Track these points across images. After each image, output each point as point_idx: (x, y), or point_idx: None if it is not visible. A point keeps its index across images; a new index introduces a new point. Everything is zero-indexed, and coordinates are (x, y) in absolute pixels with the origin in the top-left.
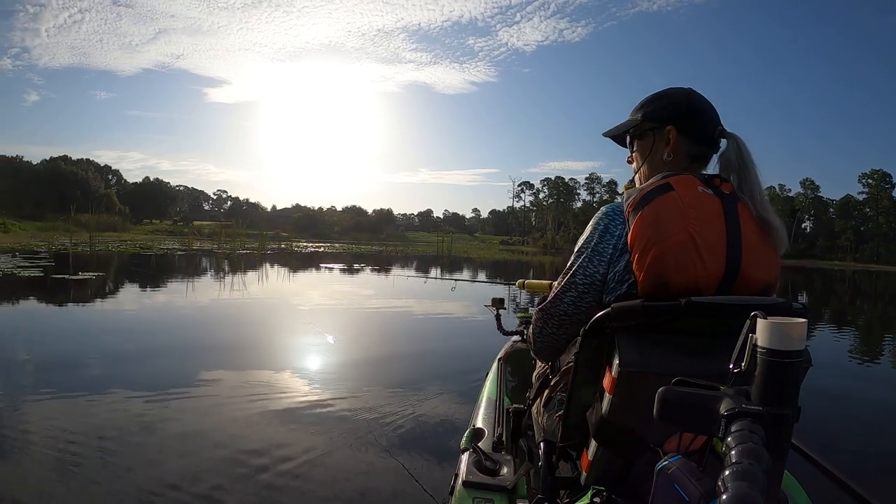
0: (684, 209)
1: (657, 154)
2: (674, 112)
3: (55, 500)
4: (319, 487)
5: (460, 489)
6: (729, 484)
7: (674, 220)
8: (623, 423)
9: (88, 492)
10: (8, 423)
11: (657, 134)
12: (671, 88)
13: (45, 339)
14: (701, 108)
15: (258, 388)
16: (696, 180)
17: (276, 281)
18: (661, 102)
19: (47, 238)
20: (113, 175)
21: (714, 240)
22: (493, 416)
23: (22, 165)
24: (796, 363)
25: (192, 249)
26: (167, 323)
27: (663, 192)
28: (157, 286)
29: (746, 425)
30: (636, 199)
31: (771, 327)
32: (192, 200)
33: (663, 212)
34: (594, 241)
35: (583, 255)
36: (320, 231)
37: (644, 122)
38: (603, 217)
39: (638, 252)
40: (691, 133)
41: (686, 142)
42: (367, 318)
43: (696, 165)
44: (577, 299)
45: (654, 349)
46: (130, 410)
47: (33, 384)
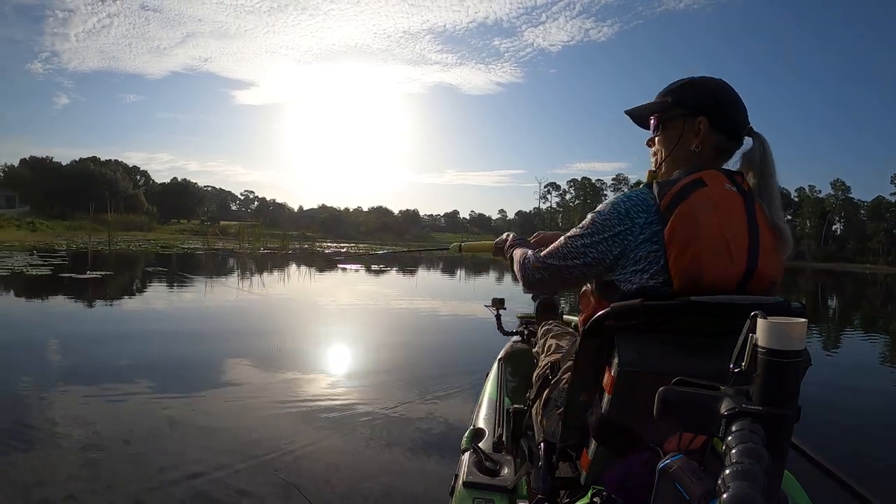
0: (716, 207)
1: (685, 144)
2: (707, 102)
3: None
4: (322, 486)
5: (461, 489)
6: (729, 483)
7: (710, 217)
8: (623, 423)
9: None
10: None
11: (687, 122)
12: (704, 77)
13: (26, 335)
14: (734, 103)
15: (263, 389)
16: (723, 177)
17: (290, 280)
18: (695, 90)
19: (72, 237)
20: (141, 176)
21: (740, 240)
22: (494, 417)
23: (52, 166)
24: (796, 363)
25: (213, 249)
26: (159, 321)
27: (697, 187)
28: (164, 285)
29: (746, 425)
30: (672, 193)
31: (771, 327)
32: (220, 201)
33: (700, 209)
34: (613, 223)
35: (597, 230)
36: (346, 231)
37: (674, 108)
38: (626, 200)
39: (677, 248)
40: (722, 126)
41: (716, 134)
42: (368, 315)
43: (720, 160)
44: (584, 268)
45: (653, 349)
46: (125, 409)
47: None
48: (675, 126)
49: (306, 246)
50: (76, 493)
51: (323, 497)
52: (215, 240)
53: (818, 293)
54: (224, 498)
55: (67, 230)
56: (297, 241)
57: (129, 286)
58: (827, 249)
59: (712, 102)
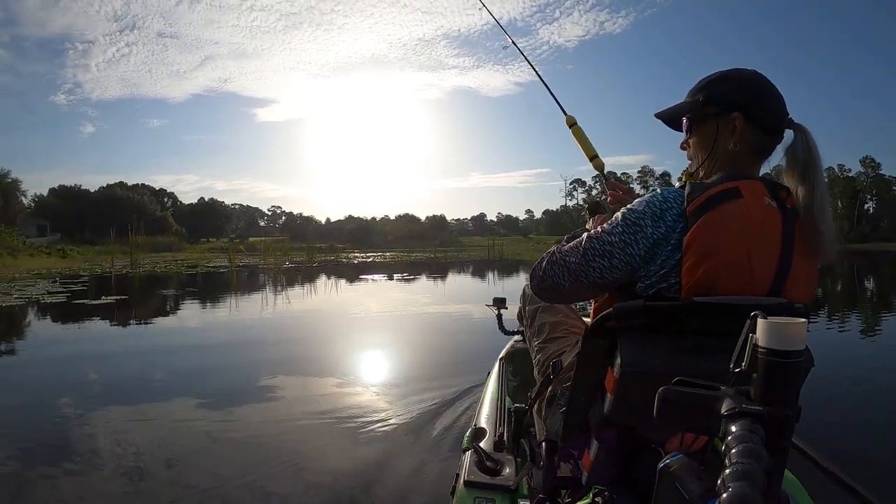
0: (749, 223)
1: (721, 144)
2: (741, 97)
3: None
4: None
5: (462, 489)
6: (729, 483)
7: (736, 232)
8: (625, 423)
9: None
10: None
11: (721, 121)
12: (735, 69)
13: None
14: (770, 95)
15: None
16: (763, 189)
17: (316, 293)
18: (727, 86)
19: (99, 262)
20: (168, 197)
21: (767, 261)
22: (495, 416)
23: (80, 193)
24: (796, 363)
25: (237, 266)
26: (156, 346)
27: (731, 197)
28: (174, 307)
29: (746, 425)
30: (702, 199)
31: (771, 327)
32: (248, 218)
33: (729, 221)
34: (646, 223)
35: (629, 231)
36: (374, 241)
37: (706, 107)
38: (662, 201)
39: (693, 258)
40: (759, 122)
41: (753, 131)
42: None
43: (760, 158)
44: (609, 270)
45: (655, 349)
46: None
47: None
48: (709, 126)
49: (332, 258)
50: None
51: (320, 495)
52: (240, 256)
53: (854, 276)
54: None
55: (97, 255)
56: (324, 254)
57: (141, 311)
58: (860, 229)
59: (746, 96)
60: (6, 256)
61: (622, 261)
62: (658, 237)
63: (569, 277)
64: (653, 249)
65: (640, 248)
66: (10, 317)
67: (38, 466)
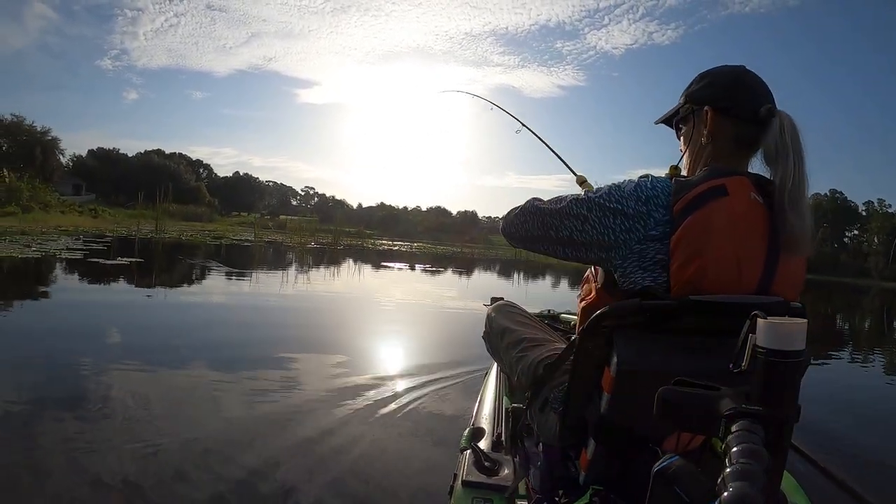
0: (736, 221)
1: (696, 138)
2: (713, 91)
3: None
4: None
5: (459, 489)
6: (729, 483)
7: (724, 231)
8: (622, 423)
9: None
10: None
11: (696, 117)
12: (718, 66)
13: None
14: (742, 84)
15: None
16: (749, 185)
17: (322, 275)
18: (703, 82)
19: (128, 224)
20: (204, 168)
21: (754, 259)
22: (493, 416)
23: (118, 157)
24: (796, 363)
25: (262, 241)
26: (154, 305)
27: (717, 195)
28: (185, 274)
29: (746, 425)
30: (689, 198)
31: (771, 327)
32: (281, 195)
33: (716, 220)
34: (628, 203)
35: (605, 202)
36: (404, 230)
37: (685, 105)
38: (650, 188)
39: (682, 257)
40: (730, 112)
41: (726, 122)
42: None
43: (744, 150)
44: (577, 233)
45: (652, 348)
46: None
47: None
48: (689, 124)
49: (358, 242)
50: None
51: (318, 495)
52: (267, 232)
53: (883, 315)
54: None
55: (128, 218)
56: (350, 238)
57: (151, 274)
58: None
59: (719, 89)
60: (38, 211)
61: (595, 229)
62: (637, 219)
63: (539, 227)
64: (628, 232)
65: (617, 224)
66: (18, 268)
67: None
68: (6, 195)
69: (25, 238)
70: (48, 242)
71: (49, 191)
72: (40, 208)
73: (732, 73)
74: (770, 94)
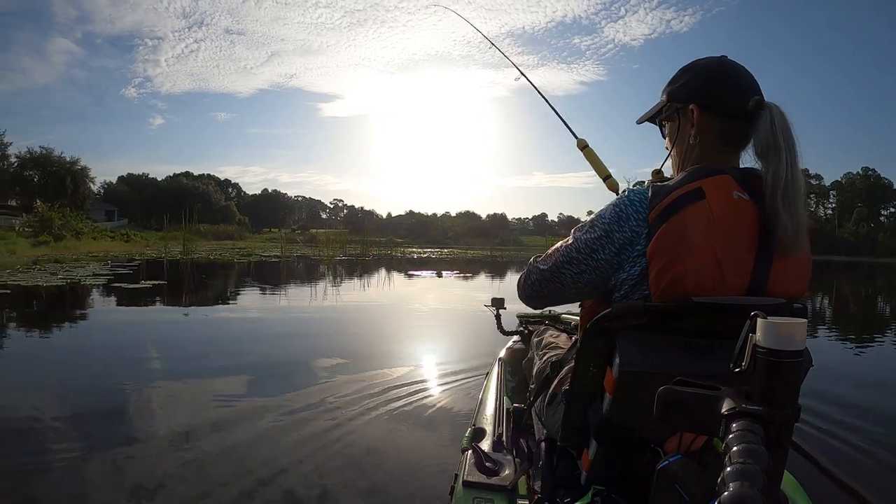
0: (713, 223)
1: (683, 138)
2: (697, 87)
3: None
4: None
5: (461, 489)
6: (728, 483)
7: (700, 236)
8: (624, 423)
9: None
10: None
11: (682, 115)
12: (697, 59)
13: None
14: (726, 78)
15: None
16: (732, 182)
17: (349, 286)
18: (685, 78)
19: (159, 247)
20: (233, 188)
21: (741, 258)
22: (494, 416)
23: (148, 182)
24: (796, 363)
25: (288, 256)
26: (151, 333)
27: (693, 200)
28: (204, 293)
29: (746, 425)
30: (662, 206)
31: (771, 327)
32: (310, 209)
33: (690, 225)
34: (613, 229)
35: (594, 236)
36: (434, 237)
37: (669, 104)
38: (628, 204)
39: (657, 268)
40: (716, 108)
41: (712, 119)
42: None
43: (733, 146)
44: (577, 276)
45: (654, 349)
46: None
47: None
48: (673, 123)
49: (387, 252)
50: None
51: (319, 494)
52: (296, 247)
53: None
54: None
55: (159, 240)
56: (380, 248)
57: (171, 295)
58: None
59: (702, 86)
60: (70, 238)
61: (590, 266)
62: (623, 241)
63: (546, 284)
64: (619, 255)
65: (607, 253)
66: (38, 296)
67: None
68: (39, 225)
69: (56, 266)
70: (76, 269)
71: (80, 218)
72: (72, 236)
73: (715, 66)
74: (756, 84)
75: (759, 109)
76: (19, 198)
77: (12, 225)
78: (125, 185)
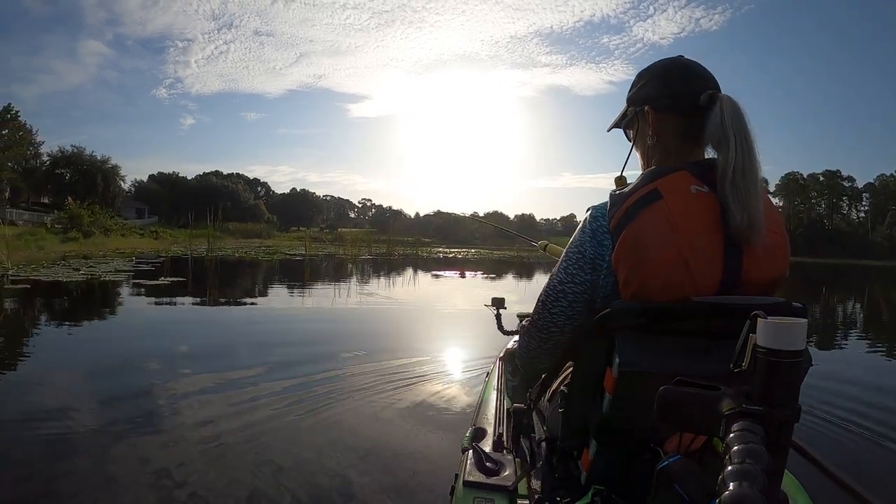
0: (673, 223)
1: (642, 140)
2: (650, 89)
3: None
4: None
5: (461, 489)
6: (729, 483)
7: (660, 239)
8: (623, 423)
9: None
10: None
11: (641, 118)
12: (655, 62)
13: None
14: (676, 76)
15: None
16: (690, 178)
17: (361, 287)
18: (641, 81)
19: (187, 244)
20: (262, 187)
21: (708, 252)
22: (494, 416)
23: (178, 180)
24: (797, 363)
25: (313, 255)
26: (155, 329)
27: (650, 202)
28: (220, 290)
29: (747, 425)
30: (619, 214)
31: (771, 327)
32: (338, 208)
33: (649, 229)
34: (584, 248)
35: (571, 262)
36: (462, 237)
37: (629, 109)
38: (592, 221)
39: (623, 277)
40: (668, 107)
41: (667, 118)
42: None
43: (691, 143)
44: (568, 308)
45: (653, 349)
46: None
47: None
48: (634, 127)
49: (413, 252)
50: None
51: (320, 494)
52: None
53: None
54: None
55: (189, 238)
56: (407, 247)
57: (187, 292)
58: None
59: (655, 86)
60: (99, 235)
61: (575, 292)
62: (594, 257)
63: (538, 338)
64: (595, 272)
65: (586, 273)
66: (56, 290)
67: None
68: (69, 222)
69: (81, 262)
70: (100, 265)
71: (109, 215)
72: (101, 233)
73: (666, 67)
74: (711, 79)
75: (712, 103)
76: (51, 195)
77: (44, 222)
78: (156, 183)
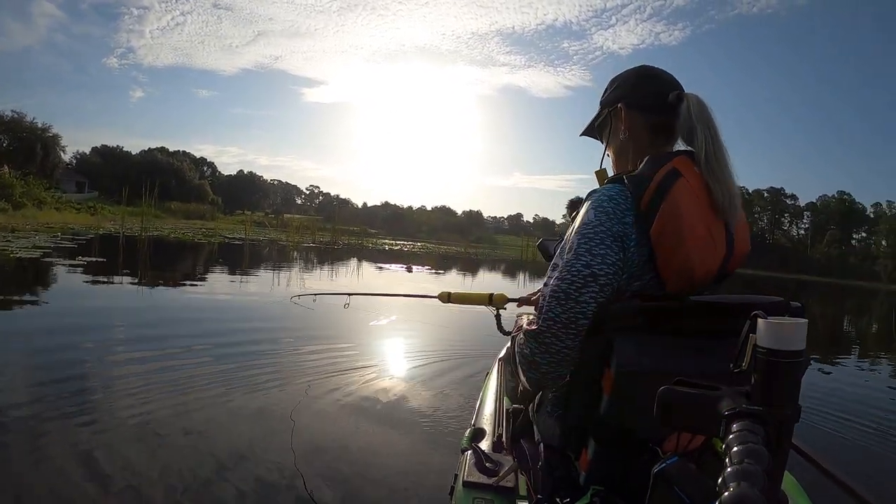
0: (698, 198)
1: (615, 136)
2: (622, 89)
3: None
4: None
5: (460, 489)
6: (729, 484)
7: (692, 211)
8: (622, 423)
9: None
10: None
11: (614, 117)
12: (625, 70)
13: None
14: (646, 77)
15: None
16: (691, 162)
17: (296, 276)
18: (612, 87)
19: (125, 222)
20: (208, 167)
21: (719, 227)
22: (494, 417)
23: (121, 154)
24: (797, 363)
25: (253, 240)
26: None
27: (675, 179)
28: (134, 272)
29: (747, 425)
30: (652, 190)
31: (771, 327)
32: (286, 194)
33: (683, 203)
34: (609, 226)
35: (595, 242)
36: (407, 229)
37: (602, 110)
38: (607, 200)
39: (667, 250)
40: (639, 104)
41: (638, 115)
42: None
43: (662, 138)
44: (599, 293)
45: (652, 349)
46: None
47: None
48: (607, 127)
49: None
50: None
51: (320, 494)
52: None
53: (891, 319)
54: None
55: (129, 215)
56: (353, 237)
57: (101, 273)
58: None
59: (626, 87)
60: (31, 207)
61: (607, 273)
62: (622, 235)
63: (564, 335)
64: (623, 251)
65: (616, 252)
66: None
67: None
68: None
69: (6, 235)
70: (19, 240)
71: (43, 187)
72: (34, 205)
73: (637, 71)
74: (676, 82)
75: (679, 101)
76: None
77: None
78: (98, 156)
